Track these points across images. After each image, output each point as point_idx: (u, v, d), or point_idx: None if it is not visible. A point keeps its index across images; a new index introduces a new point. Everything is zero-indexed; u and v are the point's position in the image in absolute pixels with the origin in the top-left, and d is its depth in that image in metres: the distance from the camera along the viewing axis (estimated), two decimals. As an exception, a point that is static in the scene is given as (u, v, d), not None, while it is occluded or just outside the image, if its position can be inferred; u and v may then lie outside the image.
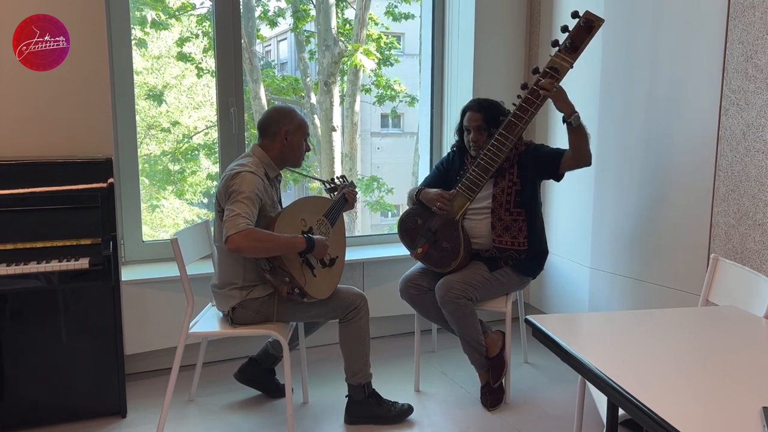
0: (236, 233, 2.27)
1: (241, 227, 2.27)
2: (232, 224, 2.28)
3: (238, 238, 2.27)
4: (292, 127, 2.57)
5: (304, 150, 2.63)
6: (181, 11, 7.64)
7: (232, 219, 2.29)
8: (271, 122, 2.57)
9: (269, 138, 2.57)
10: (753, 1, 2.40)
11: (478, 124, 2.83)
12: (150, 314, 3.04)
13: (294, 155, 2.61)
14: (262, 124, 2.59)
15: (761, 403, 1.22)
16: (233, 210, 2.32)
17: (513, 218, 2.82)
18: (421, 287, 2.85)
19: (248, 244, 2.29)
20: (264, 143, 2.58)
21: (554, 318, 1.79)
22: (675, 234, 2.79)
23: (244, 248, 2.29)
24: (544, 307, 3.69)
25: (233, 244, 2.27)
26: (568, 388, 3.01)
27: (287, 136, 2.56)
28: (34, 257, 2.44)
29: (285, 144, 2.56)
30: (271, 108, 2.68)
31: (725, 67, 2.53)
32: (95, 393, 2.66)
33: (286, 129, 2.56)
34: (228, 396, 2.94)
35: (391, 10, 8.69)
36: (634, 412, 1.24)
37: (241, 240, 2.27)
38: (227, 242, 2.28)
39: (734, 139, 2.50)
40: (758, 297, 1.88)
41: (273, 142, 2.56)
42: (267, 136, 2.57)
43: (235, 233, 2.27)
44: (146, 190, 7.82)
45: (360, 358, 2.63)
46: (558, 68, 2.53)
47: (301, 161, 2.66)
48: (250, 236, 2.29)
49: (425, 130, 3.97)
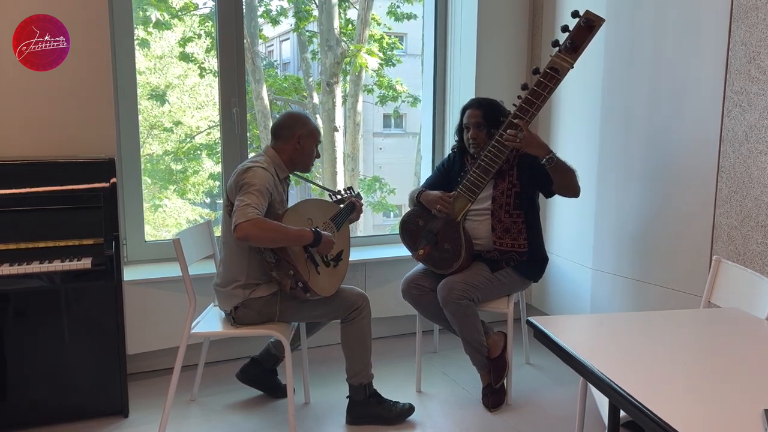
0: (245, 221, 2.29)
1: (250, 216, 2.30)
2: (242, 213, 2.31)
3: (247, 226, 2.29)
4: (306, 132, 2.62)
5: (314, 156, 2.68)
6: (183, 11, 7.65)
7: (243, 208, 2.32)
8: (286, 126, 2.62)
9: (282, 141, 2.61)
10: (756, 3, 2.40)
11: (476, 121, 2.83)
12: (152, 314, 3.04)
13: (305, 159, 2.66)
14: (277, 127, 2.65)
15: (763, 405, 1.22)
16: (244, 200, 2.35)
17: (513, 220, 2.82)
18: (423, 288, 2.85)
19: (256, 233, 2.30)
20: (277, 146, 2.62)
21: (556, 319, 1.79)
22: (677, 235, 2.79)
23: (252, 236, 2.31)
24: (546, 308, 3.69)
25: (242, 232, 2.29)
26: (570, 390, 3.01)
27: (300, 140, 2.61)
28: (37, 257, 2.45)
29: (297, 148, 2.61)
30: (286, 112, 2.72)
31: (728, 68, 2.52)
32: (97, 393, 2.67)
33: (300, 133, 2.60)
34: (230, 396, 2.95)
35: (393, 10, 8.68)
36: (635, 414, 1.24)
37: (249, 228, 2.29)
38: (236, 230, 2.30)
39: (737, 140, 2.49)
40: (760, 299, 1.88)
41: (286, 145, 2.61)
42: (280, 139, 2.62)
43: (245, 221, 2.29)
44: (148, 190, 7.83)
45: (361, 359, 2.63)
46: (558, 69, 2.53)
47: (310, 166, 2.71)
48: (259, 225, 2.31)
49: (427, 130, 3.97)
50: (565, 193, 2.77)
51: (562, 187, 2.74)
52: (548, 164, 2.59)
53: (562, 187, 2.74)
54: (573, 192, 2.75)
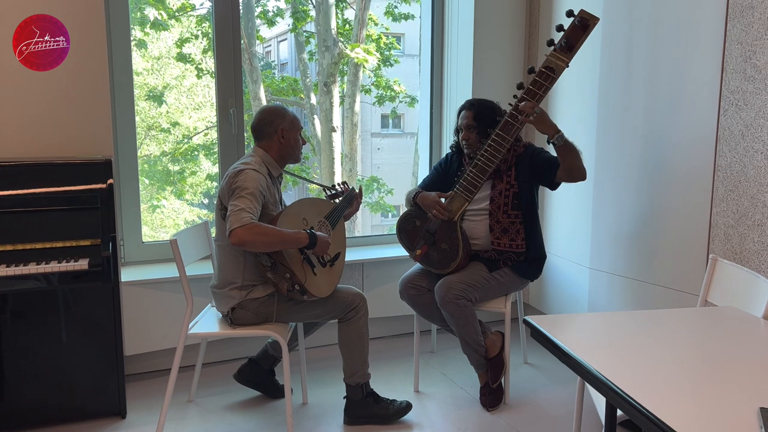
0: (240, 227, 2.28)
1: (244, 221, 2.29)
2: (236, 218, 2.30)
3: (241, 232, 2.28)
4: (286, 124, 2.60)
5: (300, 144, 2.66)
6: (180, 12, 7.65)
7: (236, 213, 2.31)
8: (266, 123, 2.59)
9: (266, 139, 2.59)
10: (752, 2, 2.40)
11: (468, 122, 2.83)
12: (149, 315, 3.04)
13: (292, 151, 2.64)
14: (256, 126, 2.61)
15: (759, 403, 1.22)
16: (237, 205, 2.34)
17: (510, 221, 2.82)
18: (421, 288, 2.85)
19: (252, 238, 2.30)
20: (263, 144, 2.60)
21: (553, 319, 1.79)
22: (674, 234, 2.80)
23: (247, 242, 2.30)
24: (543, 308, 3.69)
25: (237, 238, 2.28)
26: (568, 389, 3.02)
27: (283, 134, 2.59)
28: (34, 258, 2.45)
29: (282, 142, 2.59)
30: (260, 110, 2.68)
31: (724, 67, 2.53)
32: (95, 394, 2.67)
33: (282, 127, 2.58)
34: (227, 396, 2.95)
35: (390, 11, 8.69)
36: (632, 413, 1.24)
37: (244, 233, 2.28)
38: (231, 236, 2.29)
39: (733, 139, 2.50)
40: (757, 297, 1.89)
41: (271, 142, 2.59)
42: (264, 137, 2.60)
43: (239, 227, 2.28)
44: (146, 191, 7.83)
45: (359, 358, 2.63)
46: (554, 68, 2.53)
47: (300, 156, 2.68)
48: (254, 230, 2.30)
49: (425, 130, 3.97)
50: (572, 176, 2.71)
51: (571, 169, 2.68)
52: (558, 142, 2.58)
53: (571, 169, 2.68)
54: (580, 173, 2.70)
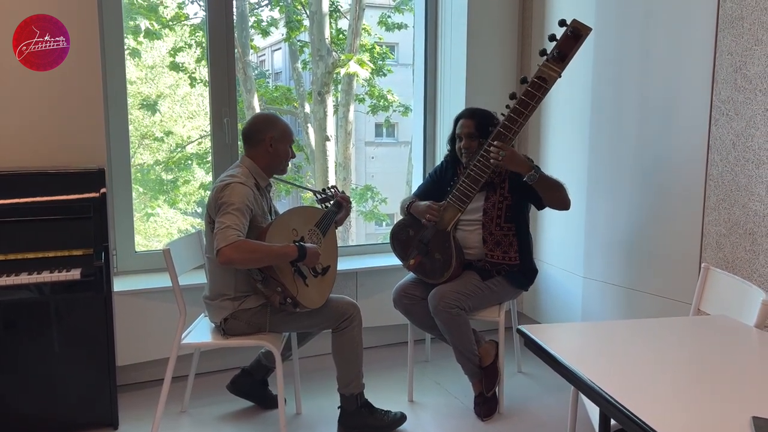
0: (227, 246, 2.26)
1: (231, 239, 2.26)
2: (223, 237, 2.27)
3: (229, 251, 2.26)
4: (277, 133, 2.55)
5: (289, 157, 2.61)
6: (174, 21, 7.66)
7: (223, 231, 2.29)
8: (256, 129, 2.56)
9: (254, 146, 2.55)
10: (742, 13, 2.43)
11: (469, 131, 2.84)
12: (142, 325, 3.02)
13: (279, 162, 2.59)
14: (246, 132, 2.58)
15: (751, 412, 1.22)
16: (223, 222, 2.31)
17: (504, 233, 2.83)
18: (415, 297, 2.85)
19: (240, 256, 2.28)
20: (251, 153, 2.56)
21: (546, 328, 1.79)
22: (667, 243, 2.81)
23: (236, 260, 2.28)
24: (537, 317, 3.69)
25: (224, 257, 2.26)
26: (562, 398, 3.01)
27: (272, 143, 2.54)
28: (26, 268, 2.43)
29: (270, 151, 2.55)
30: (254, 116, 2.67)
31: (714, 77, 2.55)
32: (87, 404, 2.65)
33: (271, 135, 2.54)
34: (221, 407, 2.93)
35: (384, 20, 8.73)
36: (625, 423, 1.24)
37: (232, 252, 2.26)
38: (218, 255, 2.27)
39: (724, 148, 2.52)
40: (749, 306, 1.89)
41: (259, 151, 2.55)
42: (252, 145, 2.56)
43: (226, 246, 2.26)
44: (140, 200, 7.81)
45: (353, 368, 2.62)
46: (546, 78, 2.54)
47: (285, 168, 2.64)
48: (241, 248, 2.28)
49: (419, 139, 3.98)
50: (554, 207, 2.78)
51: (551, 201, 2.75)
52: (530, 181, 2.60)
53: (551, 201, 2.75)
54: (562, 205, 2.76)
